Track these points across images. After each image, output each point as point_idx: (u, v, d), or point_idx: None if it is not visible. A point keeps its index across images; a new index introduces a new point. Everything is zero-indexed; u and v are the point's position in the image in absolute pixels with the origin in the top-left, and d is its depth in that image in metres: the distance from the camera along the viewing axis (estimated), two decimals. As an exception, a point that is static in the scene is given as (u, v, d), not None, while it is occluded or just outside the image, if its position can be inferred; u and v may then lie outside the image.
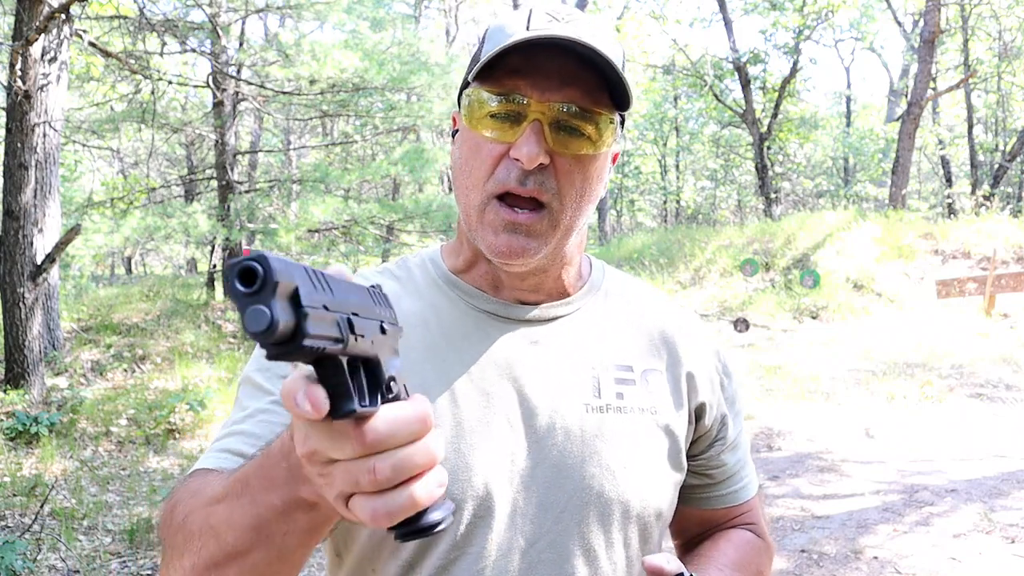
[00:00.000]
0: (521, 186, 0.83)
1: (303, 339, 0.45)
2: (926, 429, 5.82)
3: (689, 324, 1.02)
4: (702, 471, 1.01)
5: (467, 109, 0.86)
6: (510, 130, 0.84)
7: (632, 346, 0.95)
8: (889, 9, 20.47)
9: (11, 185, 5.88)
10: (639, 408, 0.91)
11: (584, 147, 0.85)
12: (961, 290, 10.29)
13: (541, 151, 0.82)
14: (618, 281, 1.03)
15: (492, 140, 0.85)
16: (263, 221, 10.71)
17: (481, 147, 0.85)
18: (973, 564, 3.60)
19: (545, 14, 0.85)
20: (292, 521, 0.63)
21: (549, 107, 0.82)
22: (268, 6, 9.89)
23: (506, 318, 0.93)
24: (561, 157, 0.84)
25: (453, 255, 0.98)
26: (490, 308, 0.93)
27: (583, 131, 0.84)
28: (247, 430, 0.85)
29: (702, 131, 27.35)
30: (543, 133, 0.82)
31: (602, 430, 0.89)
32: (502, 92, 0.84)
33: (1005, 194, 20.69)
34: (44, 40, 5.91)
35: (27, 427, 5.32)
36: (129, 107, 10.13)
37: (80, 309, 9.11)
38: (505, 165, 0.84)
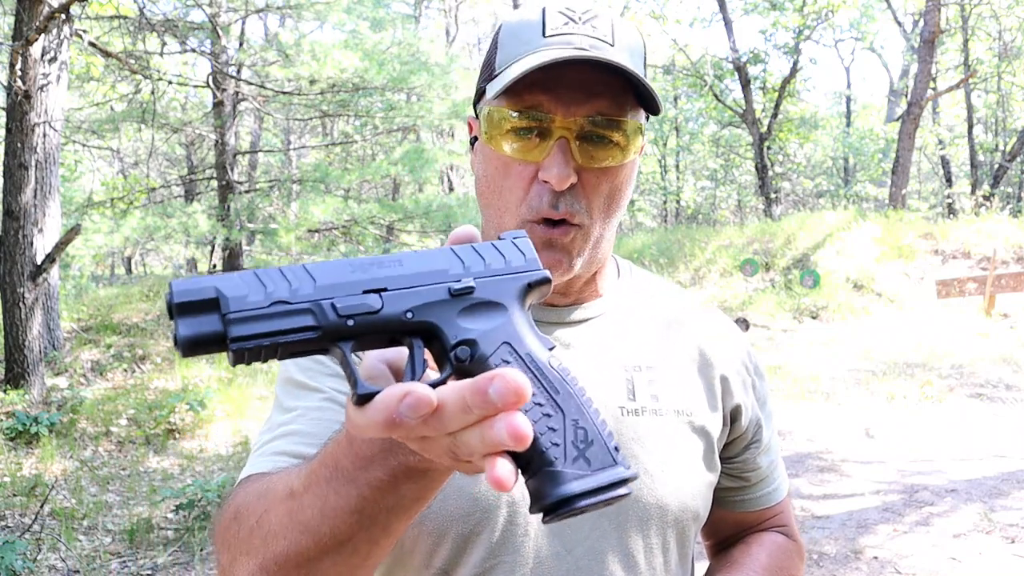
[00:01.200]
0: (554, 210, 0.81)
1: (231, 342, 0.48)
2: (926, 429, 5.82)
3: (720, 325, 1.01)
4: (737, 474, 1.00)
5: (488, 126, 0.83)
6: (536, 148, 0.81)
7: (664, 347, 0.94)
8: (889, 9, 20.47)
9: (11, 185, 5.88)
10: (674, 410, 0.90)
11: (612, 157, 0.82)
12: (961, 290, 10.29)
13: (570, 170, 0.79)
14: (645, 281, 1.02)
15: (518, 160, 0.82)
16: (263, 221, 10.71)
17: (510, 169, 0.83)
18: (973, 564, 3.60)
19: (560, 14, 0.82)
20: (399, 494, 0.58)
21: (575, 122, 0.79)
22: (268, 6, 9.90)
23: (540, 322, 0.91)
24: (588, 171, 0.82)
25: None
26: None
27: (611, 140, 0.81)
28: (301, 430, 0.82)
29: (702, 131, 27.35)
30: (570, 150, 0.80)
31: (638, 433, 0.88)
32: (524, 109, 0.80)
33: (1005, 194, 20.70)
34: (44, 40, 5.91)
35: (27, 427, 5.32)
36: (129, 107, 10.13)
37: (80, 309, 9.11)
38: (537, 190, 0.82)
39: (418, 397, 0.45)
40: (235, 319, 0.48)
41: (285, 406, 0.87)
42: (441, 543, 0.83)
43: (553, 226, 0.82)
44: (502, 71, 0.82)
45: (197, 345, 0.48)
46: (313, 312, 0.50)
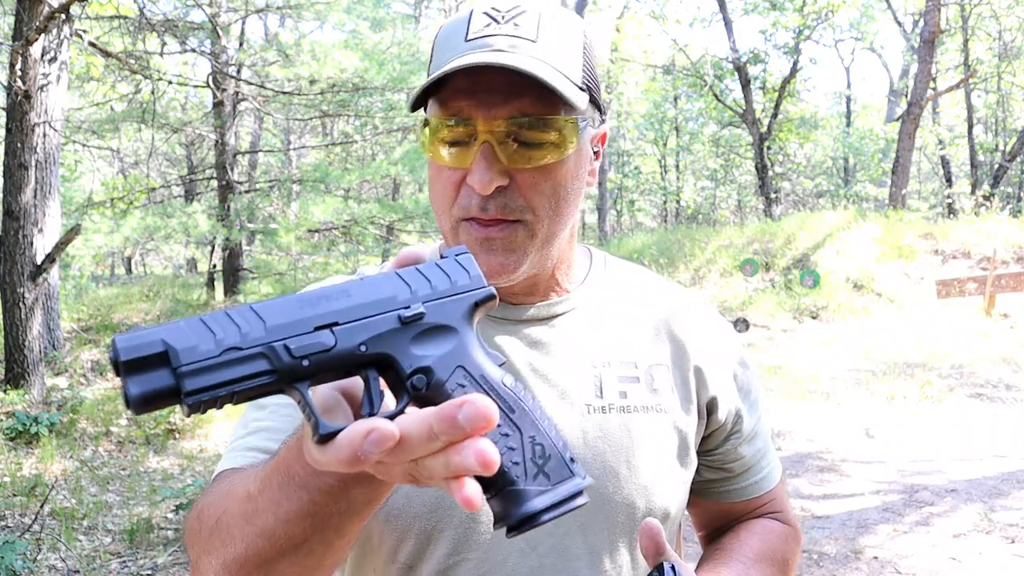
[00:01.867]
0: (483, 212, 0.80)
1: (185, 396, 0.46)
2: (926, 429, 5.82)
3: (698, 314, 0.98)
4: (719, 465, 0.99)
5: (423, 136, 0.83)
6: (463, 155, 0.80)
7: (636, 341, 0.92)
8: (889, 9, 20.48)
9: (11, 185, 5.88)
10: (643, 406, 0.89)
11: (546, 155, 0.79)
12: (961, 290, 10.29)
13: (494, 175, 0.78)
14: (621, 272, 0.99)
15: (449, 167, 0.81)
16: (263, 221, 10.71)
17: (441, 172, 0.83)
18: (973, 564, 3.60)
19: (484, 15, 0.80)
20: (350, 498, 0.59)
21: (496, 124, 0.78)
22: (268, 6, 9.90)
23: (503, 319, 0.90)
24: (520, 171, 0.80)
25: None
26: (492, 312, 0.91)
27: (541, 140, 0.79)
28: (272, 426, 0.84)
29: (702, 131, 27.36)
30: (495, 154, 0.78)
31: (605, 431, 0.87)
32: (449, 116, 0.80)
33: (1005, 194, 20.70)
34: (44, 40, 5.91)
35: (27, 427, 5.32)
36: (129, 107, 10.13)
37: (80, 309, 9.11)
38: (465, 192, 0.81)
39: (382, 433, 0.45)
40: (187, 372, 0.47)
41: (259, 403, 0.87)
42: (405, 539, 0.84)
43: (487, 224, 0.81)
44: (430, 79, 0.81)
45: (149, 403, 0.47)
46: (267, 356, 0.49)
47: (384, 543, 0.85)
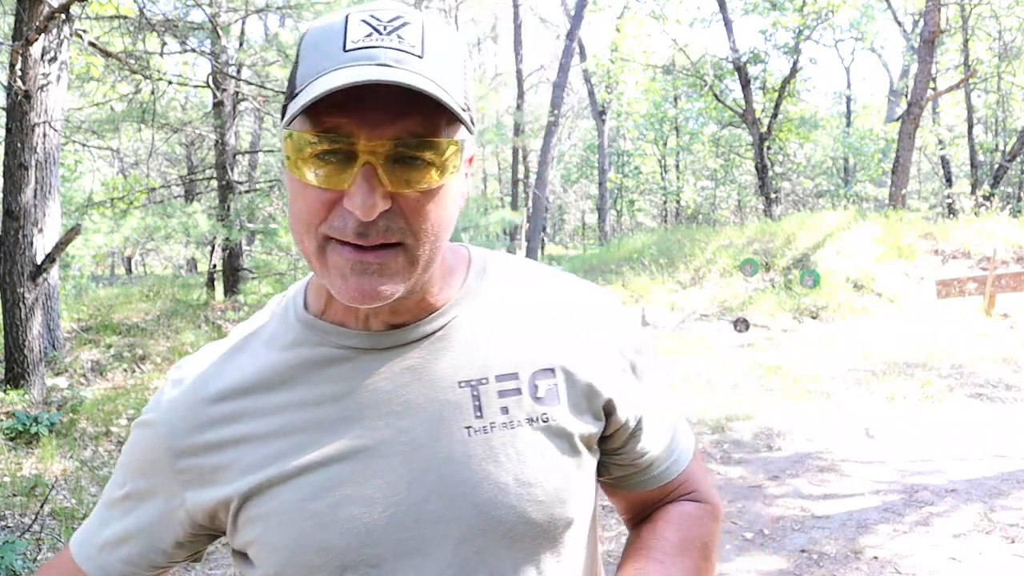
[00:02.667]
0: (362, 238, 0.74)
1: None
2: (926, 429, 5.82)
3: (589, 310, 0.92)
4: (628, 462, 0.96)
5: (289, 151, 0.75)
6: (339, 175, 0.73)
7: (518, 350, 0.87)
8: (889, 9, 20.48)
9: (11, 185, 5.88)
10: (527, 419, 0.84)
11: (430, 178, 0.74)
12: (961, 290, 10.29)
13: (378, 199, 0.72)
14: (503, 275, 0.92)
15: (319, 187, 0.74)
16: (263, 221, 10.71)
17: (307, 191, 0.75)
18: (973, 564, 3.60)
19: (363, 23, 0.73)
20: None
21: (381, 145, 0.71)
22: (268, 6, 9.90)
23: (373, 349, 0.85)
24: (403, 195, 0.74)
25: (315, 288, 0.89)
26: (354, 343, 0.85)
27: (426, 161, 0.74)
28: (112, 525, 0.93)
29: (702, 131, 27.38)
30: (378, 176, 0.72)
31: (489, 451, 0.83)
32: (323, 132, 0.72)
33: (1005, 194, 20.70)
34: (44, 40, 5.91)
35: (27, 427, 5.32)
36: (129, 107, 10.13)
37: (80, 309, 9.11)
38: (340, 213, 0.74)
39: None
40: None
41: (106, 494, 0.94)
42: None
43: (363, 250, 0.75)
44: (301, 89, 0.73)
45: None
46: None
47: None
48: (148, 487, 0.89)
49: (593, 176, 29.41)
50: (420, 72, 0.71)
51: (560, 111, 19.46)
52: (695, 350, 8.96)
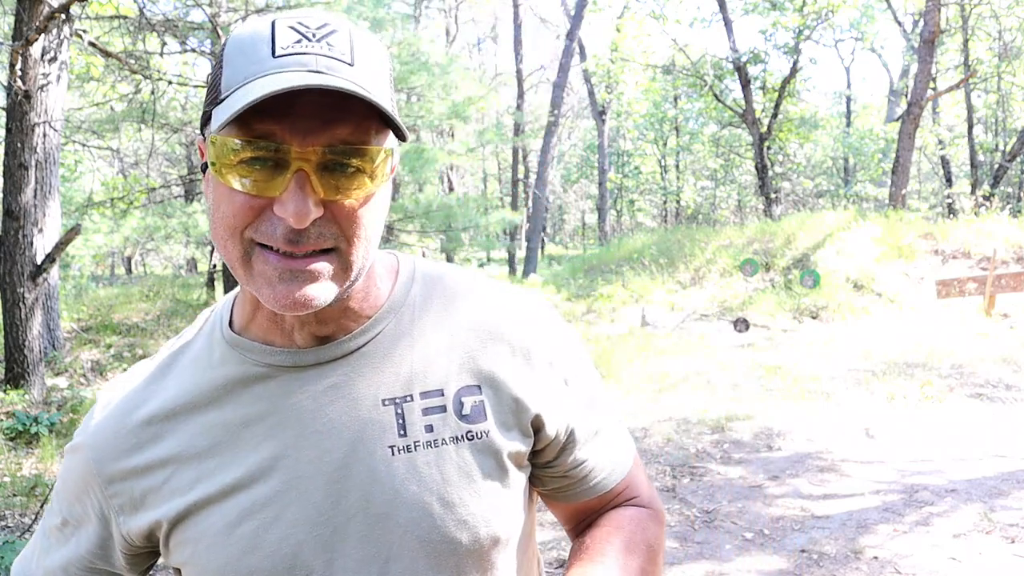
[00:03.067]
0: (292, 245, 0.73)
1: None
2: (926, 429, 5.82)
3: (518, 321, 0.89)
4: (562, 474, 0.93)
5: (215, 157, 0.73)
6: (269, 182, 0.72)
7: (443, 365, 0.85)
8: (889, 9, 20.48)
9: (11, 185, 5.88)
10: (452, 437, 0.83)
11: (360, 185, 0.74)
12: (961, 290, 10.29)
13: (310, 206, 0.71)
14: (432, 287, 0.90)
15: (248, 193, 0.72)
16: (263, 221, 10.72)
17: (234, 196, 0.73)
18: (973, 564, 3.60)
19: (291, 30, 0.73)
20: None
21: (313, 152, 0.71)
22: (268, 6, 9.90)
23: (296, 367, 0.83)
24: (335, 201, 0.73)
25: (241, 305, 0.88)
26: (277, 361, 0.84)
27: (358, 168, 0.73)
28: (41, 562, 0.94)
29: (702, 131, 27.38)
30: (309, 183, 0.71)
31: (413, 470, 0.82)
32: (253, 139, 0.71)
33: (1005, 194, 20.71)
34: (44, 40, 5.91)
35: (27, 427, 5.32)
36: (129, 107, 10.13)
37: (80, 309, 9.11)
38: (269, 220, 0.73)
39: None
40: None
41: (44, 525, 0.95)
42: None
43: (292, 258, 0.74)
44: (228, 95, 0.72)
45: None
46: None
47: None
48: (83, 513, 0.89)
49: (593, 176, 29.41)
50: (351, 79, 0.71)
51: (560, 111, 19.47)
52: (695, 350, 8.96)
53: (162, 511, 0.83)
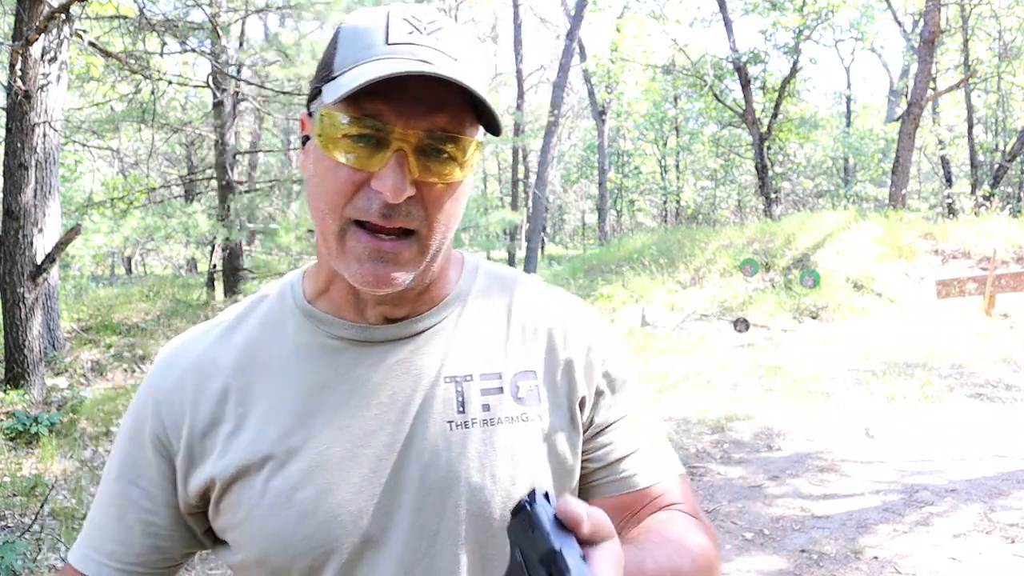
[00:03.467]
0: (385, 219, 0.78)
1: None
2: (926, 429, 5.82)
3: (569, 317, 0.96)
4: (596, 458, 0.95)
5: (322, 130, 0.80)
6: (371, 157, 0.78)
7: (502, 351, 0.91)
8: (889, 9, 20.47)
9: (11, 185, 5.88)
10: (508, 417, 0.87)
11: (451, 172, 0.80)
12: (961, 290, 10.29)
13: (407, 183, 0.77)
14: (492, 280, 0.97)
15: (350, 167, 0.79)
16: (263, 221, 10.72)
17: (338, 172, 0.79)
18: (973, 564, 3.60)
19: (405, 22, 0.79)
20: None
21: (414, 135, 0.77)
22: (268, 6, 9.90)
23: (367, 341, 0.88)
24: (427, 185, 0.80)
25: (314, 276, 0.93)
26: (349, 334, 0.88)
27: (450, 156, 0.79)
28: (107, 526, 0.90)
29: (702, 131, 27.38)
30: (407, 163, 0.77)
31: (467, 447, 0.85)
32: (362, 116, 0.77)
33: (1005, 194, 20.70)
34: (44, 40, 5.91)
35: (27, 427, 5.32)
36: (129, 107, 10.13)
37: (80, 309, 9.11)
38: (366, 194, 0.79)
39: None
40: None
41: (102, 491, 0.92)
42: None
43: (383, 236, 0.80)
44: (341, 73, 0.78)
45: None
46: None
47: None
48: (147, 467, 0.89)
49: (593, 176, 29.41)
50: (455, 72, 0.76)
51: (560, 111, 19.46)
52: (695, 350, 8.96)
53: (218, 468, 0.85)
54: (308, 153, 0.84)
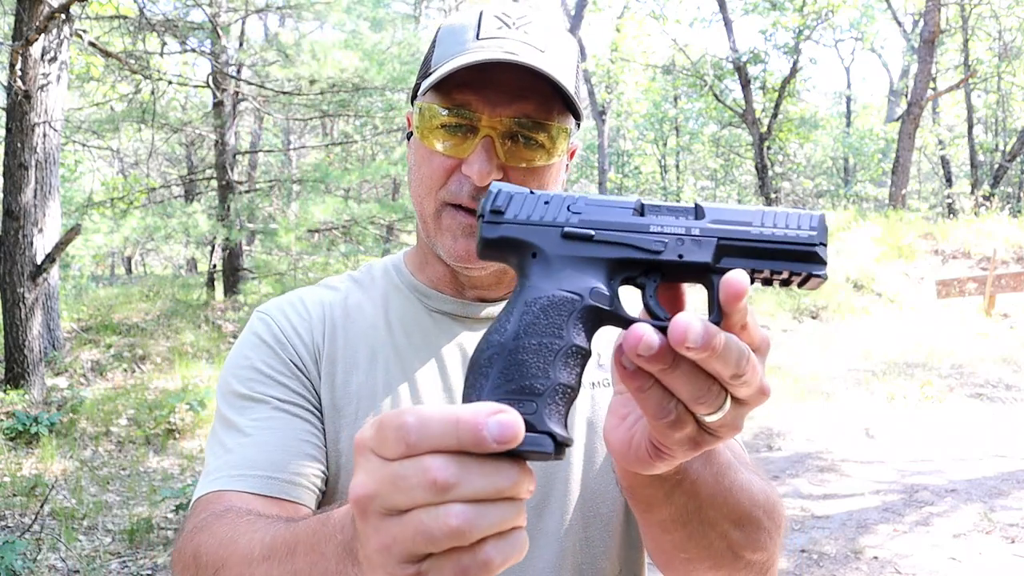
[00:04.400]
0: (475, 202, 0.84)
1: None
2: (926, 429, 5.82)
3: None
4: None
5: (419, 121, 0.87)
6: (461, 144, 0.85)
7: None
8: (889, 9, 20.47)
9: (11, 185, 5.88)
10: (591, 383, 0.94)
11: (537, 158, 0.85)
12: (961, 290, 10.29)
13: (493, 168, 0.83)
14: None
15: (443, 154, 0.86)
16: (263, 221, 10.71)
17: (432, 159, 0.87)
18: (973, 564, 3.60)
19: (495, 18, 0.85)
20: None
21: (500, 122, 0.83)
22: (268, 6, 9.90)
23: (466, 317, 0.95)
24: (514, 170, 0.85)
25: (415, 257, 1.00)
26: (450, 309, 0.95)
27: (536, 141, 0.85)
28: (260, 441, 0.83)
29: (702, 131, 27.36)
30: (494, 148, 0.83)
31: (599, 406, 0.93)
32: (452, 107, 0.84)
33: (1005, 194, 20.69)
34: (44, 40, 5.91)
35: (27, 427, 5.32)
36: (129, 107, 10.13)
37: (80, 309, 9.11)
38: (457, 179, 0.85)
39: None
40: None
41: (232, 422, 0.87)
42: None
43: (472, 213, 0.85)
44: (436, 69, 0.85)
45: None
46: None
47: None
48: (282, 365, 0.91)
49: (593, 176, 29.41)
50: (540, 63, 0.82)
51: (560, 111, 19.41)
52: (695, 350, 8.94)
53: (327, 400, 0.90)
54: (410, 145, 0.92)
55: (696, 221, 0.57)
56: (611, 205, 0.57)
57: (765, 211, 0.58)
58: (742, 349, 0.50)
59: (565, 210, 0.56)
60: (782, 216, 0.57)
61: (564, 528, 0.88)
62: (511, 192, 0.57)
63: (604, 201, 0.57)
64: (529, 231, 0.55)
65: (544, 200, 0.56)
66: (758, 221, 0.57)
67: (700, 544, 0.73)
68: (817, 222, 0.57)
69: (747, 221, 0.57)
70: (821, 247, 0.56)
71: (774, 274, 0.56)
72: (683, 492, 0.68)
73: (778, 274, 0.56)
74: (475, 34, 0.85)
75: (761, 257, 0.57)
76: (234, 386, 0.90)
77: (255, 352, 0.91)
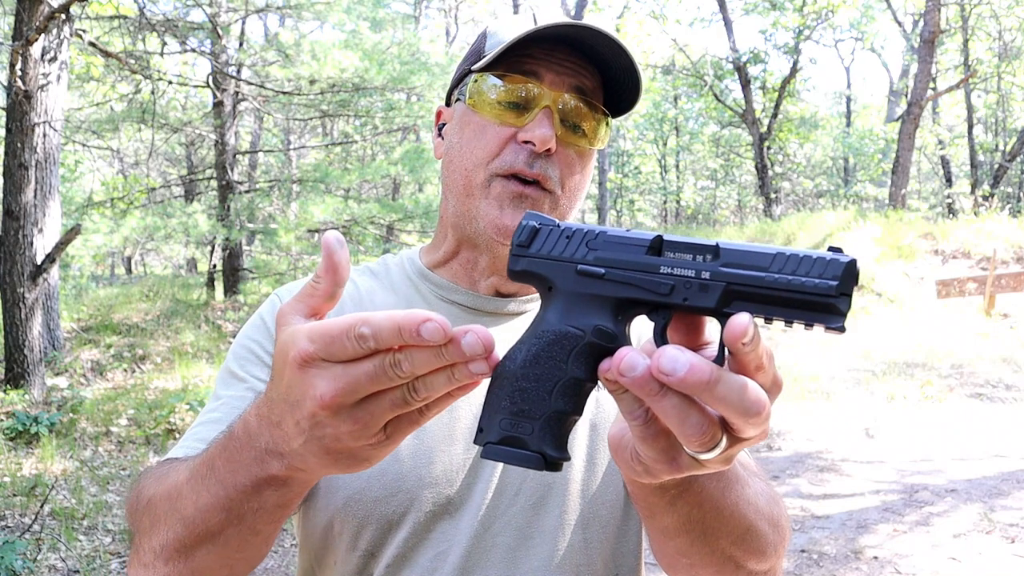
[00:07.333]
0: (529, 168, 0.87)
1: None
2: (926, 429, 5.82)
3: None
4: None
5: (474, 94, 0.90)
6: (519, 116, 0.88)
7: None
8: (889, 9, 20.47)
9: (11, 185, 5.88)
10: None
11: (584, 142, 0.90)
12: (961, 290, 10.28)
13: (553, 134, 0.86)
14: None
15: (498, 123, 0.88)
16: (263, 221, 10.71)
17: (486, 129, 0.89)
18: (973, 564, 3.60)
19: (550, 16, 0.89)
20: (262, 499, 0.63)
21: (560, 96, 0.87)
22: (268, 6, 9.90)
23: (479, 310, 0.95)
24: (565, 148, 0.89)
25: (431, 251, 1.01)
26: (463, 301, 0.96)
27: (585, 126, 0.89)
28: (220, 418, 0.86)
29: (702, 131, 27.36)
30: (553, 119, 0.87)
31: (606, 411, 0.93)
32: (514, 79, 0.88)
33: (1005, 194, 20.69)
34: (44, 40, 5.91)
35: (27, 427, 5.32)
36: (129, 107, 10.13)
37: (80, 309, 9.11)
38: (512, 148, 0.88)
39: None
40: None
41: (217, 394, 0.92)
42: (366, 526, 0.87)
43: (525, 184, 0.88)
44: (489, 52, 0.89)
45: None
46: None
47: (344, 532, 0.88)
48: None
49: (593, 176, 29.38)
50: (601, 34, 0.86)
51: (560, 111, 19.42)
52: (695, 350, 8.95)
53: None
54: (447, 133, 0.95)
55: (710, 263, 0.56)
56: (627, 242, 0.58)
57: (789, 254, 0.55)
58: (743, 390, 0.49)
59: (584, 246, 0.58)
60: (807, 261, 0.54)
61: (562, 527, 0.88)
62: (538, 225, 0.59)
63: (622, 237, 0.58)
64: (548, 266, 0.58)
65: (567, 234, 0.59)
66: (776, 266, 0.55)
67: (702, 552, 0.73)
68: (843, 270, 0.53)
69: (763, 266, 0.56)
70: (843, 298, 0.53)
71: (787, 322, 0.54)
72: (686, 502, 0.68)
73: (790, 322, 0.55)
74: (532, 23, 0.88)
75: (772, 304, 0.54)
76: (229, 361, 0.94)
77: (255, 332, 0.95)
